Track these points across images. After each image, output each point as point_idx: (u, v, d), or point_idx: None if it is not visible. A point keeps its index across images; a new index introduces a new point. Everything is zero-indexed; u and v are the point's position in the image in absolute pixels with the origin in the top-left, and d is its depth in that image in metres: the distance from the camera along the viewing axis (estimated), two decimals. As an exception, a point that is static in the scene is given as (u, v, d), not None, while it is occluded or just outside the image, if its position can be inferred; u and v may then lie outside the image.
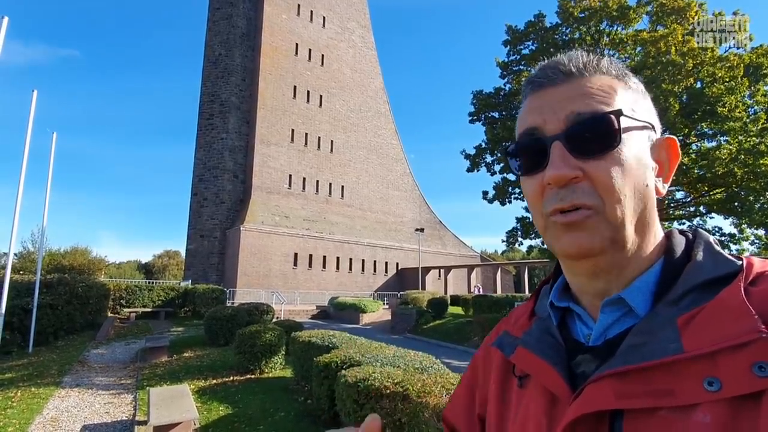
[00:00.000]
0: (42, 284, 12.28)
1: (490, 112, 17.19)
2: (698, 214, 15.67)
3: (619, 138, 0.52)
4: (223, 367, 9.11)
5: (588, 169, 0.52)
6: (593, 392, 0.47)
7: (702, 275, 0.50)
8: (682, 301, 0.49)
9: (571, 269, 0.58)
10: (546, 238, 0.56)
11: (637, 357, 0.46)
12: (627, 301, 0.52)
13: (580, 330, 0.58)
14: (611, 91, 0.55)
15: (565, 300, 0.61)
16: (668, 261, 0.55)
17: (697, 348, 0.43)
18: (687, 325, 0.45)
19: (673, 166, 0.59)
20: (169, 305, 19.74)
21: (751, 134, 13.01)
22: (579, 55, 0.57)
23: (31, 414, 6.31)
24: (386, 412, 3.92)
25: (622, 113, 0.53)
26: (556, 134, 0.53)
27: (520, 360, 0.59)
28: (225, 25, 33.93)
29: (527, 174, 0.57)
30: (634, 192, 0.52)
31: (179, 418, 4.98)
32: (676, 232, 0.59)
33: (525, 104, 0.59)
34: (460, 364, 10.68)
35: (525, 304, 0.71)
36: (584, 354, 0.54)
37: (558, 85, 0.56)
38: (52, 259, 31.11)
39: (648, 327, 0.48)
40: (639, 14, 15.01)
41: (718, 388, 0.41)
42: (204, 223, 30.86)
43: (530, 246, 18.41)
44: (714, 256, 0.53)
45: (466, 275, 37.37)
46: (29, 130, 9.73)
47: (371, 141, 39.45)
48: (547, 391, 0.54)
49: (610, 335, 0.53)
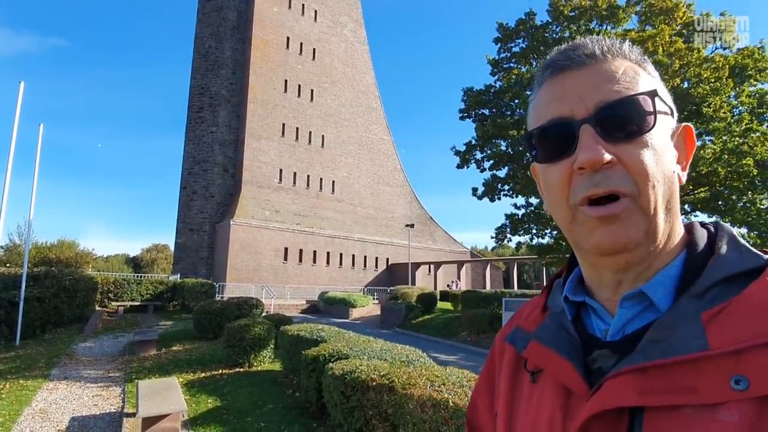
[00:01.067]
0: (29, 277, 12.17)
1: (481, 109, 17.23)
2: (683, 212, 15.89)
3: (655, 119, 0.50)
4: (212, 360, 9.14)
5: (621, 153, 0.49)
6: (614, 387, 0.46)
7: (727, 269, 0.48)
8: (707, 296, 0.47)
9: (596, 264, 0.55)
10: (573, 233, 0.53)
11: (660, 353, 0.44)
12: (648, 295, 0.51)
13: (596, 325, 0.56)
14: (635, 75, 0.53)
15: (581, 294, 0.59)
16: (691, 254, 0.53)
17: (723, 345, 0.42)
18: (712, 321, 0.44)
19: (690, 154, 0.57)
20: (157, 299, 19.67)
21: (734, 134, 13.26)
22: (600, 38, 0.56)
23: (20, 406, 6.32)
24: (372, 403, 4.01)
25: (657, 94, 0.51)
26: (585, 118, 0.51)
27: (533, 355, 0.58)
28: (215, 17, 33.58)
29: (551, 161, 0.54)
30: (665, 178, 0.50)
31: (168, 410, 5.02)
32: (697, 224, 0.57)
33: (544, 90, 0.57)
34: (448, 359, 10.82)
35: (536, 299, 0.69)
36: (601, 349, 0.52)
37: (581, 69, 0.53)
38: (39, 252, 30.80)
39: (671, 322, 0.46)
40: (628, 14, 15.16)
41: (745, 386, 0.40)
42: (193, 217, 30.67)
43: (519, 242, 18.54)
44: (739, 249, 0.51)
45: (456, 271, 37.60)
46: (16, 121, 9.65)
47: (362, 136, 39.40)
48: (562, 386, 0.53)
49: (628, 331, 0.51)
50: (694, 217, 16.38)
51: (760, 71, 13.62)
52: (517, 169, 15.26)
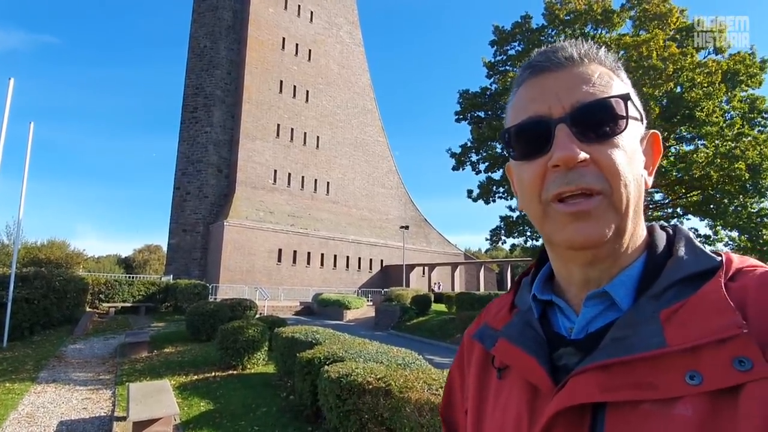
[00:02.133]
0: (17, 278, 11.98)
1: (476, 112, 17.29)
2: (675, 216, 16.04)
3: (627, 122, 0.52)
4: (205, 362, 9.04)
5: (594, 153, 0.51)
6: (577, 384, 0.47)
7: (684, 270, 0.51)
8: (665, 296, 0.49)
9: (566, 259, 0.57)
10: (544, 227, 0.55)
11: (621, 350, 0.46)
12: (611, 294, 0.53)
13: (562, 323, 0.58)
14: (610, 80, 0.55)
15: (548, 293, 0.61)
16: (651, 255, 0.55)
17: (679, 342, 0.44)
18: (669, 320, 0.46)
19: (656, 160, 0.59)
20: (149, 300, 19.45)
21: (726, 139, 13.38)
22: (578, 42, 0.58)
23: (6, 410, 6.19)
24: (368, 407, 3.97)
25: (630, 98, 0.54)
26: (561, 117, 0.53)
27: (501, 352, 0.59)
28: (211, 17, 33.42)
29: (526, 159, 0.56)
30: (635, 179, 0.53)
31: (159, 414, 4.94)
32: (657, 227, 0.60)
33: (523, 89, 0.58)
34: (443, 361, 10.78)
35: (504, 296, 0.70)
36: (566, 347, 0.54)
37: (560, 70, 0.55)
38: (28, 253, 30.43)
39: (631, 321, 0.48)
40: (622, 19, 15.28)
41: (699, 381, 0.42)
42: (187, 218, 30.43)
43: (513, 245, 18.59)
44: (695, 251, 0.54)
45: (450, 273, 37.62)
46: (5, 119, 9.51)
47: (357, 137, 39.36)
48: (528, 383, 0.54)
49: (592, 329, 0.53)
50: (686, 221, 16.56)
51: (750, 77, 13.76)
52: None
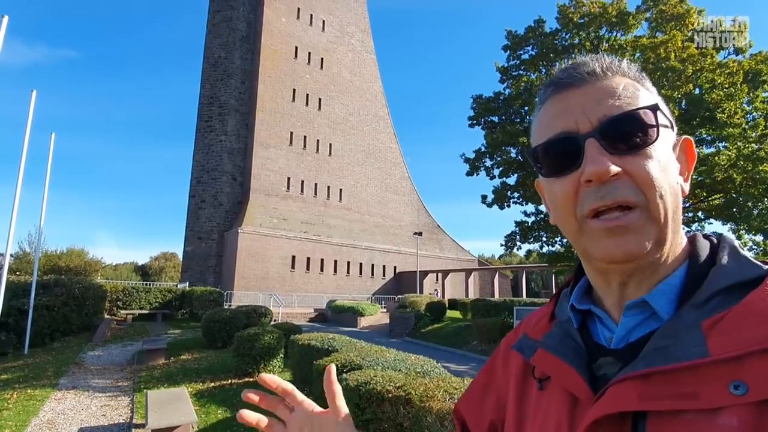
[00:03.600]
0: (38, 285, 12.19)
1: (490, 117, 17.16)
2: (696, 220, 15.67)
3: (658, 132, 0.52)
4: (221, 369, 9.04)
5: (626, 165, 0.50)
6: (616, 393, 0.47)
7: (727, 279, 0.49)
8: (708, 305, 0.48)
9: (604, 272, 0.56)
10: (581, 242, 0.54)
11: (661, 359, 0.45)
12: (651, 304, 0.52)
13: (602, 333, 0.57)
14: (636, 90, 0.54)
15: (586, 303, 0.60)
16: (693, 264, 0.54)
17: (722, 352, 0.42)
18: (712, 329, 0.45)
19: (691, 166, 0.58)
20: (166, 307, 19.65)
21: (750, 140, 13.05)
22: (600, 56, 0.57)
23: (27, 416, 6.24)
24: (388, 416, 3.89)
25: (659, 108, 0.53)
26: (590, 132, 0.52)
27: (540, 362, 0.59)
28: (225, 28, 33.97)
29: (556, 176, 0.55)
30: (671, 189, 0.52)
31: (177, 422, 4.93)
32: (699, 236, 0.58)
33: (548, 106, 0.58)
34: (459, 368, 10.64)
35: (545, 307, 0.70)
36: (606, 357, 0.53)
37: (583, 86, 0.55)
38: (49, 261, 30.99)
39: (672, 330, 0.48)
40: (638, 20, 15.05)
41: (744, 391, 0.40)
42: (202, 225, 30.76)
43: (528, 250, 18.32)
44: (739, 259, 0.52)
45: (464, 279, 37.33)
46: (28, 130, 9.69)
47: (370, 144, 39.47)
48: (568, 393, 0.54)
49: (632, 338, 0.53)
50: (708, 225, 16.17)
51: (774, 76, 13.41)
52: (527, 176, 15.12)
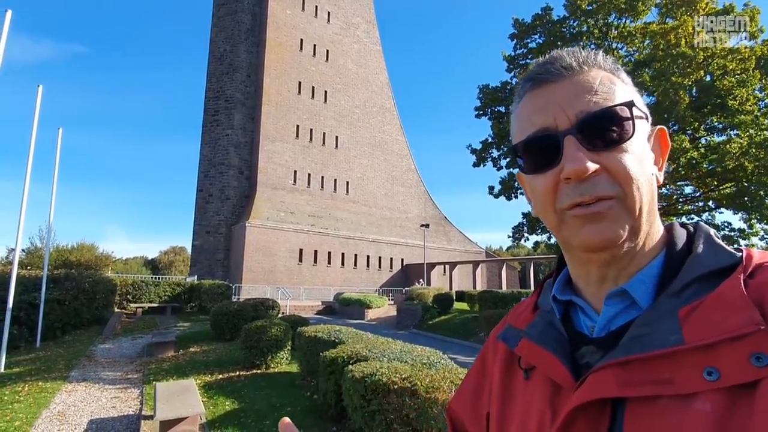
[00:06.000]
0: (49, 279, 12.33)
1: (497, 107, 17.04)
2: (707, 209, 15.47)
3: (634, 127, 0.53)
4: (230, 362, 9.11)
5: (604, 161, 0.52)
6: (596, 380, 0.48)
7: (702, 267, 0.51)
8: (684, 293, 0.49)
9: (583, 261, 0.57)
10: (561, 233, 0.56)
11: (639, 347, 0.47)
12: (630, 293, 0.53)
13: (584, 322, 0.59)
14: (612, 84, 0.55)
15: (568, 293, 0.62)
16: (670, 253, 0.56)
17: (697, 339, 0.44)
18: (688, 317, 0.46)
19: (665, 155, 0.60)
20: (175, 301, 19.84)
21: (762, 128, 12.81)
22: (576, 50, 0.58)
23: (38, 408, 6.33)
24: (394, 407, 3.88)
25: (634, 104, 0.54)
26: (568, 129, 0.53)
27: (524, 351, 0.60)
28: (230, 21, 33.84)
29: (536, 172, 0.56)
30: (647, 181, 0.53)
31: (186, 413, 4.97)
32: (677, 225, 0.60)
33: (525, 102, 0.59)
34: (466, 360, 10.63)
35: (529, 298, 0.72)
36: (588, 345, 0.55)
37: (560, 81, 0.55)
38: (59, 255, 31.31)
39: (650, 319, 0.49)
40: (648, 6, 14.79)
41: (717, 377, 0.42)
42: (209, 219, 30.90)
43: (536, 242, 18.22)
44: (714, 248, 0.54)
45: (471, 271, 37.25)
46: (35, 125, 9.73)
47: (376, 137, 39.30)
48: (551, 381, 0.55)
49: (613, 327, 0.54)
50: (719, 215, 15.94)
51: (787, 63, 13.11)
52: (534, 166, 15.01)
